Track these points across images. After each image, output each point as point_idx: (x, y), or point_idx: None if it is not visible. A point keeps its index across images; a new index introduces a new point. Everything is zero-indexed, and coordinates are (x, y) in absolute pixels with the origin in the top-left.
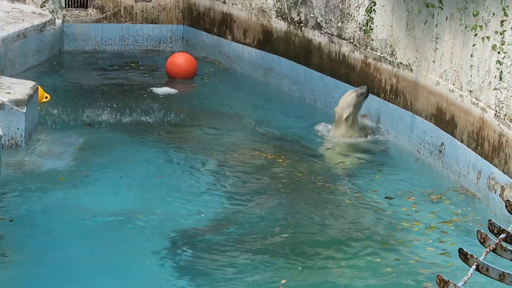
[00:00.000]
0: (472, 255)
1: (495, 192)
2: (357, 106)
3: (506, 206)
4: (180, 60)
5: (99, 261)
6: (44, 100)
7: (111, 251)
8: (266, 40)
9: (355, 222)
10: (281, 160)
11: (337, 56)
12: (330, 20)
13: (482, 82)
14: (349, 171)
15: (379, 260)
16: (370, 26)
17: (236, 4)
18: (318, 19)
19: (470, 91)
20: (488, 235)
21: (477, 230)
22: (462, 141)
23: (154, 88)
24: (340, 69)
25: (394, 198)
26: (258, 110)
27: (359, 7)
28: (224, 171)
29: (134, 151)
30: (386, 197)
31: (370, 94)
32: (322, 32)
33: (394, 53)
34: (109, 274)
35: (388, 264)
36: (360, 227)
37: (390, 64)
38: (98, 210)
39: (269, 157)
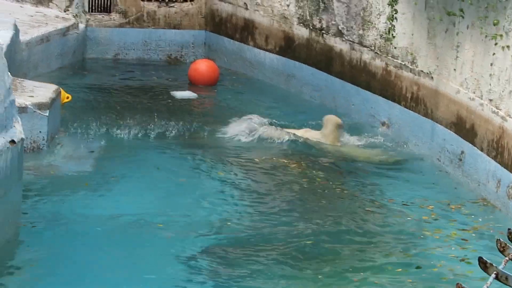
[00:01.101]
0: (492, 264)
1: None
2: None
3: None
4: (203, 67)
5: (121, 265)
6: (66, 100)
7: (133, 255)
8: (288, 47)
9: (375, 230)
10: (301, 167)
11: (358, 63)
12: (352, 27)
13: (503, 91)
14: (368, 178)
15: (400, 269)
16: (391, 34)
17: (258, 11)
18: (339, 26)
19: (490, 100)
20: (508, 244)
21: (497, 239)
22: (482, 150)
23: (175, 93)
24: (361, 76)
25: (415, 206)
26: (279, 116)
27: (380, 15)
28: (244, 177)
29: (155, 156)
30: (403, 204)
31: (391, 102)
32: (344, 39)
33: (415, 61)
34: (131, 278)
35: (408, 272)
36: (380, 235)
37: (411, 72)
38: (120, 215)
39: (289, 163)
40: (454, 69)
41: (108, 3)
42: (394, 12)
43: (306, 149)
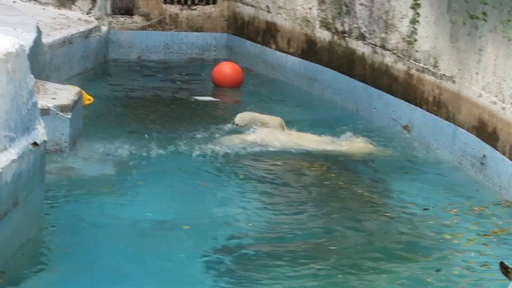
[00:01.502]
0: None
1: None
2: None
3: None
4: (227, 70)
5: (143, 269)
6: (88, 102)
7: (155, 259)
8: (310, 50)
9: (395, 233)
10: (322, 170)
11: (380, 66)
12: (374, 30)
13: None
14: (389, 181)
15: (420, 272)
16: (413, 37)
17: (280, 14)
18: (362, 30)
19: None
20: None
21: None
22: (504, 154)
23: (197, 96)
24: (383, 80)
25: (436, 210)
26: (300, 120)
27: (403, 18)
28: (267, 180)
29: (177, 159)
30: (424, 209)
31: (413, 105)
32: (366, 42)
33: (437, 65)
34: (152, 282)
35: (428, 275)
36: (401, 238)
37: (433, 75)
38: (142, 218)
39: (311, 166)
40: (476, 73)
41: (131, 6)
42: (417, 15)
43: (327, 151)
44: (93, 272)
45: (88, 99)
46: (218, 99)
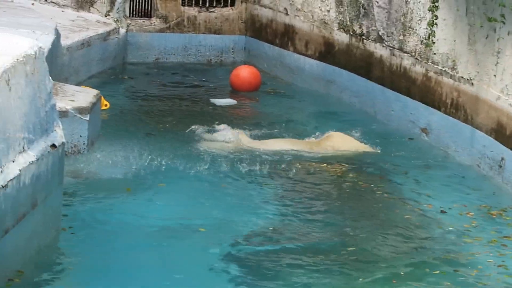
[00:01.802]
0: None
1: None
2: None
3: None
4: (245, 73)
5: (159, 271)
6: (104, 107)
7: (172, 261)
8: (328, 52)
9: (414, 236)
10: (341, 172)
11: (398, 69)
12: (392, 33)
13: None
14: (408, 183)
15: (438, 272)
16: (432, 40)
17: (298, 16)
18: (380, 32)
19: None
20: None
21: None
22: None
23: (214, 99)
24: (401, 82)
25: (454, 212)
26: (318, 122)
27: (421, 21)
28: (286, 182)
29: (195, 161)
30: (441, 211)
31: (431, 108)
32: (384, 45)
33: (455, 67)
34: (169, 284)
35: (447, 276)
36: (419, 241)
37: (451, 78)
38: (160, 220)
39: (329, 168)
40: (495, 75)
41: (149, 8)
42: (435, 18)
43: (345, 153)
44: (111, 273)
45: (104, 104)
46: (235, 102)
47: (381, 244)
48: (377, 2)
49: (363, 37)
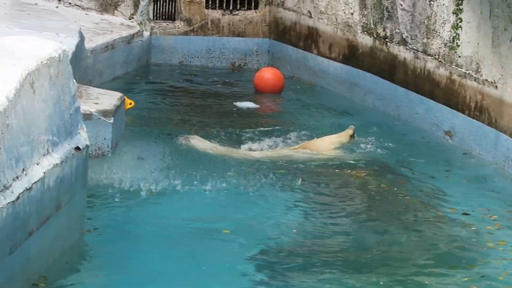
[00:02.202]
0: None
1: None
2: None
3: None
4: (268, 75)
5: (184, 273)
6: (129, 106)
7: (196, 263)
8: (351, 55)
9: (438, 239)
10: (366, 175)
11: (422, 72)
12: (416, 36)
13: None
14: (431, 186)
15: (465, 279)
16: (456, 43)
17: (322, 19)
18: (403, 35)
19: None
20: None
21: None
22: None
23: (237, 102)
24: (424, 85)
25: (478, 216)
26: (342, 125)
27: (445, 24)
28: (310, 186)
29: (219, 164)
30: (463, 213)
31: (455, 111)
32: (408, 47)
33: (479, 70)
34: (193, 286)
35: (473, 281)
36: (443, 245)
37: (475, 81)
38: (185, 222)
39: (353, 172)
40: None
41: (173, 11)
42: (459, 20)
43: (368, 157)
44: (135, 276)
45: (129, 103)
46: (258, 106)
47: (405, 247)
48: (401, 5)
49: (387, 39)
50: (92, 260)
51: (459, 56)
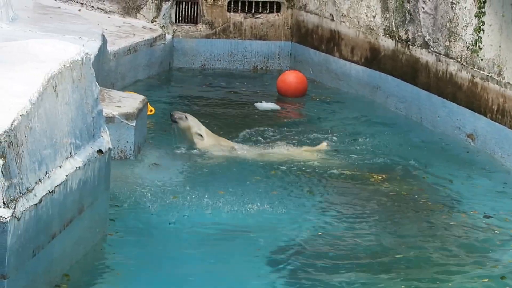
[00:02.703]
0: None
1: None
2: None
3: None
4: (291, 78)
5: (207, 275)
6: (149, 113)
7: (220, 265)
8: (374, 58)
9: (460, 241)
10: (386, 179)
11: (444, 75)
12: (438, 39)
13: None
14: (452, 189)
15: (486, 280)
16: (478, 46)
17: (344, 22)
18: (425, 38)
19: None
20: None
21: None
22: None
23: (258, 104)
24: (447, 88)
25: (499, 219)
26: (364, 129)
27: (467, 27)
28: (331, 190)
29: (240, 166)
30: (484, 216)
31: (477, 114)
32: (430, 50)
33: (501, 73)
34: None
35: (494, 283)
36: (465, 246)
37: (497, 83)
38: (207, 224)
39: (375, 176)
40: None
41: (195, 14)
42: (481, 23)
43: (389, 159)
44: (157, 279)
45: (149, 110)
46: (279, 107)
47: (428, 251)
48: (423, 8)
49: (409, 43)
50: (114, 262)
51: (481, 59)
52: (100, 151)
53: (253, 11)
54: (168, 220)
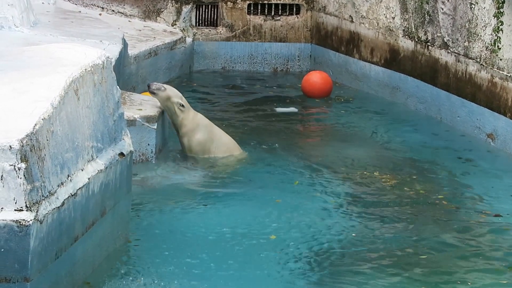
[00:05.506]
0: None
1: None
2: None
3: None
4: (315, 79)
5: (228, 279)
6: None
7: (241, 269)
8: (393, 59)
9: (479, 242)
10: (406, 179)
11: (464, 75)
12: (457, 39)
13: None
14: (469, 189)
15: (505, 281)
16: (497, 46)
17: (363, 23)
18: (445, 39)
19: None
20: None
21: None
22: None
23: (278, 108)
24: (466, 88)
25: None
26: (384, 129)
27: (486, 27)
28: (350, 191)
29: (261, 170)
30: (495, 215)
31: (496, 114)
32: (449, 51)
33: None
34: None
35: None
36: (485, 247)
37: None
38: (230, 229)
39: (394, 176)
40: None
41: (215, 17)
42: (500, 23)
43: (409, 160)
44: (179, 282)
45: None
46: (297, 110)
47: (445, 253)
48: (442, 9)
49: (428, 43)
50: (135, 265)
51: (501, 59)
52: (121, 154)
53: (272, 13)
54: (191, 224)
